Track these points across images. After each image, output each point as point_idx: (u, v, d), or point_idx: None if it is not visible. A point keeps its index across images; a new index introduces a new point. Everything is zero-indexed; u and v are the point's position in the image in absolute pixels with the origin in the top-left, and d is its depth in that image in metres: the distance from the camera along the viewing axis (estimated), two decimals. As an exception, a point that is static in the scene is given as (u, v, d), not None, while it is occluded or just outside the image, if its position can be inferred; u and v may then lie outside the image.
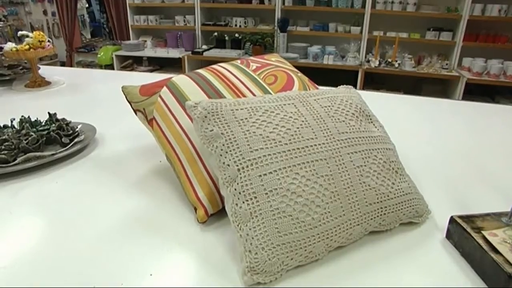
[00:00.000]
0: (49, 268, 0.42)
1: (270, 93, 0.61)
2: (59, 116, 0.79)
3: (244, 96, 0.59)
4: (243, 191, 0.41)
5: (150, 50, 2.94)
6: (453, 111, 1.02)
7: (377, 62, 2.49)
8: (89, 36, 3.89)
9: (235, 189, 0.41)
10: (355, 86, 2.54)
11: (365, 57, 2.63)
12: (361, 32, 2.57)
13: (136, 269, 0.42)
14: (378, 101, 1.09)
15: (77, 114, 0.93)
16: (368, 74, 2.60)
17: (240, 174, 0.42)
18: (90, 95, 1.14)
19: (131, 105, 0.62)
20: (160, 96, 0.58)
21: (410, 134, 0.85)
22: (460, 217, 0.46)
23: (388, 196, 0.46)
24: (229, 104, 0.47)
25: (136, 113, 0.62)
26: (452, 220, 0.47)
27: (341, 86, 0.61)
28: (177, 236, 0.47)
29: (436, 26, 2.54)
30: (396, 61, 2.49)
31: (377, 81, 2.73)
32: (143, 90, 0.61)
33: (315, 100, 0.51)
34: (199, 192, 0.50)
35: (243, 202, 0.41)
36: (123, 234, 0.48)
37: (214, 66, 0.67)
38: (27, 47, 1.14)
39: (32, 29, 3.76)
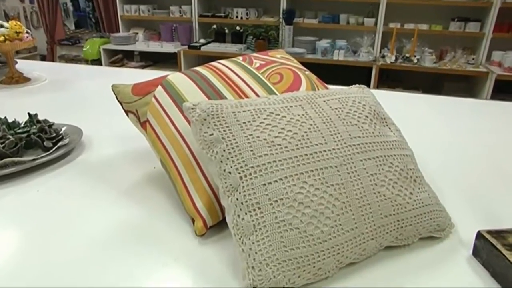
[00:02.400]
0: (29, 286, 0.43)
1: (275, 94, 0.62)
2: (40, 117, 0.80)
3: (246, 96, 0.60)
4: (246, 201, 0.42)
5: (142, 44, 2.97)
6: (479, 112, 1.01)
7: (393, 58, 2.50)
8: (73, 27, 3.87)
9: (237, 199, 0.42)
10: (368, 84, 2.55)
11: (380, 52, 2.64)
12: (376, 24, 2.58)
13: (127, 286, 0.42)
14: (394, 101, 1.10)
15: (61, 115, 0.95)
16: (383, 71, 2.61)
17: (243, 182, 0.42)
18: (76, 93, 1.15)
19: (122, 105, 0.63)
20: (155, 96, 0.59)
21: (430, 138, 0.85)
22: (489, 232, 0.46)
23: (405, 207, 0.47)
24: (230, 105, 0.48)
25: (127, 115, 0.63)
26: (479, 235, 0.46)
27: (354, 85, 0.62)
28: (173, 250, 0.48)
29: (462, 15, 2.50)
30: (415, 56, 2.50)
31: (393, 78, 2.74)
32: (135, 89, 0.62)
33: (324, 101, 0.52)
34: (197, 202, 0.51)
35: (246, 214, 0.41)
36: (112, 248, 0.48)
37: (213, 63, 0.68)
38: (2, 38, 1.13)
39: (7, 18, 3.76)
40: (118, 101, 0.63)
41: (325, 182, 0.44)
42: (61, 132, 0.76)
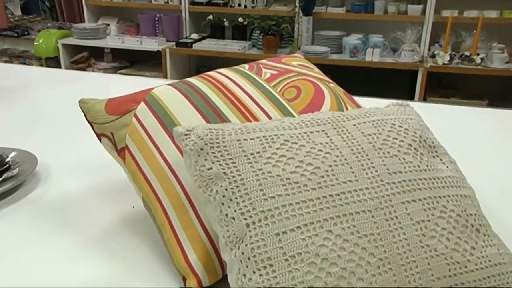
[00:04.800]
0: None
1: (292, 115, 0.65)
2: (-22, 140, 0.82)
3: (255, 118, 0.63)
4: (254, 256, 0.43)
5: (115, 39, 3.05)
6: None
7: (448, 57, 2.52)
8: (18, 13, 3.74)
9: (243, 253, 0.44)
10: (413, 93, 2.58)
11: (429, 49, 2.68)
12: (424, 12, 2.64)
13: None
14: (447, 118, 1.11)
15: (7, 136, 0.97)
16: (434, 75, 2.64)
17: (250, 231, 0.44)
18: (27, 106, 1.18)
19: (93, 127, 0.66)
20: (136, 116, 0.63)
21: (499, 171, 0.85)
22: None
23: (466, 266, 0.48)
24: (234, 131, 0.51)
25: (100, 139, 0.66)
26: None
27: (392, 102, 0.65)
28: (157, 320, 0.50)
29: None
30: (478, 54, 2.52)
31: (447, 85, 2.77)
32: (110, 106, 0.65)
33: (354, 125, 0.55)
34: (190, 255, 0.53)
35: (254, 272, 0.43)
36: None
37: (211, 73, 0.72)
38: None
39: None
40: (88, 121, 0.67)
41: (356, 231, 0.45)
42: (7, 159, 0.79)
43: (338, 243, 0.44)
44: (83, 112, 0.67)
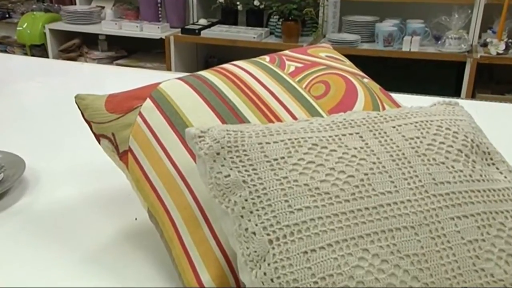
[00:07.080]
0: None
1: (320, 115, 0.65)
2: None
3: (278, 119, 0.64)
4: (278, 277, 0.44)
5: (111, 24, 3.07)
6: None
7: (503, 46, 2.49)
8: None
9: (265, 274, 0.44)
10: (459, 88, 2.55)
11: (480, 37, 2.65)
12: (473, -7, 2.60)
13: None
14: (501, 118, 1.10)
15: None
16: (485, 68, 2.60)
17: (273, 248, 0.45)
18: (11, 102, 1.19)
19: (91, 126, 0.68)
20: (141, 115, 0.64)
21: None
22: None
23: (527, 294, 0.48)
24: (255, 133, 0.52)
25: (99, 140, 0.67)
26: None
27: (437, 100, 0.65)
28: None
29: None
30: (541, 42, 2.48)
31: (501, 79, 2.73)
32: (111, 103, 0.66)
33: (394, 127, 0.55)
34: (202, 274, 0.53)
35: (277, 296, 0.44)
36: None
37: (227, 66, 0.72)
38: None
39: None
40: (85, 119, 0.68)
41: (396, 251, 0.46)
42: (-10, 164, 0.81)
43: (375, 264, 0.45)
44: (80, 110, 0.68)
